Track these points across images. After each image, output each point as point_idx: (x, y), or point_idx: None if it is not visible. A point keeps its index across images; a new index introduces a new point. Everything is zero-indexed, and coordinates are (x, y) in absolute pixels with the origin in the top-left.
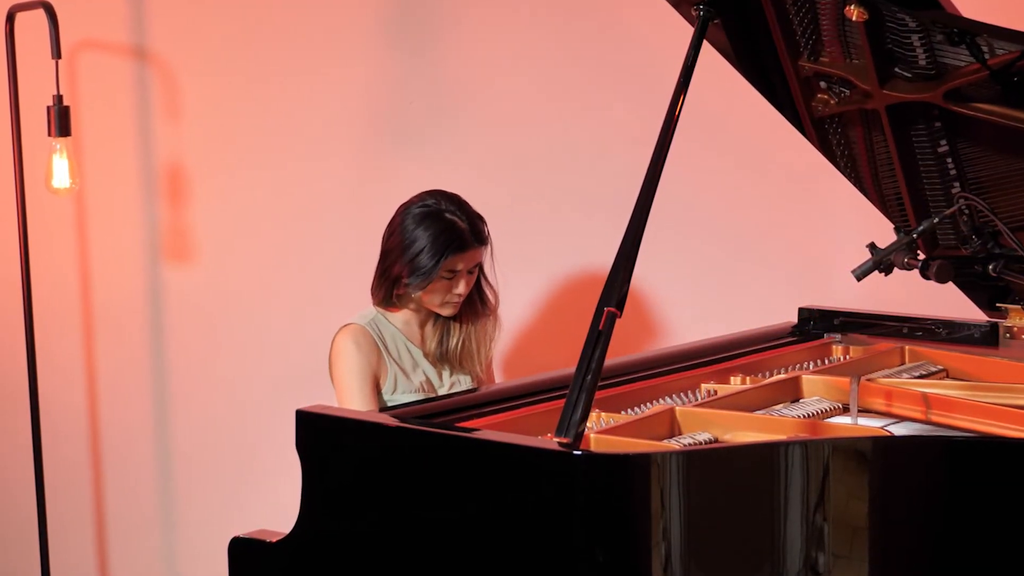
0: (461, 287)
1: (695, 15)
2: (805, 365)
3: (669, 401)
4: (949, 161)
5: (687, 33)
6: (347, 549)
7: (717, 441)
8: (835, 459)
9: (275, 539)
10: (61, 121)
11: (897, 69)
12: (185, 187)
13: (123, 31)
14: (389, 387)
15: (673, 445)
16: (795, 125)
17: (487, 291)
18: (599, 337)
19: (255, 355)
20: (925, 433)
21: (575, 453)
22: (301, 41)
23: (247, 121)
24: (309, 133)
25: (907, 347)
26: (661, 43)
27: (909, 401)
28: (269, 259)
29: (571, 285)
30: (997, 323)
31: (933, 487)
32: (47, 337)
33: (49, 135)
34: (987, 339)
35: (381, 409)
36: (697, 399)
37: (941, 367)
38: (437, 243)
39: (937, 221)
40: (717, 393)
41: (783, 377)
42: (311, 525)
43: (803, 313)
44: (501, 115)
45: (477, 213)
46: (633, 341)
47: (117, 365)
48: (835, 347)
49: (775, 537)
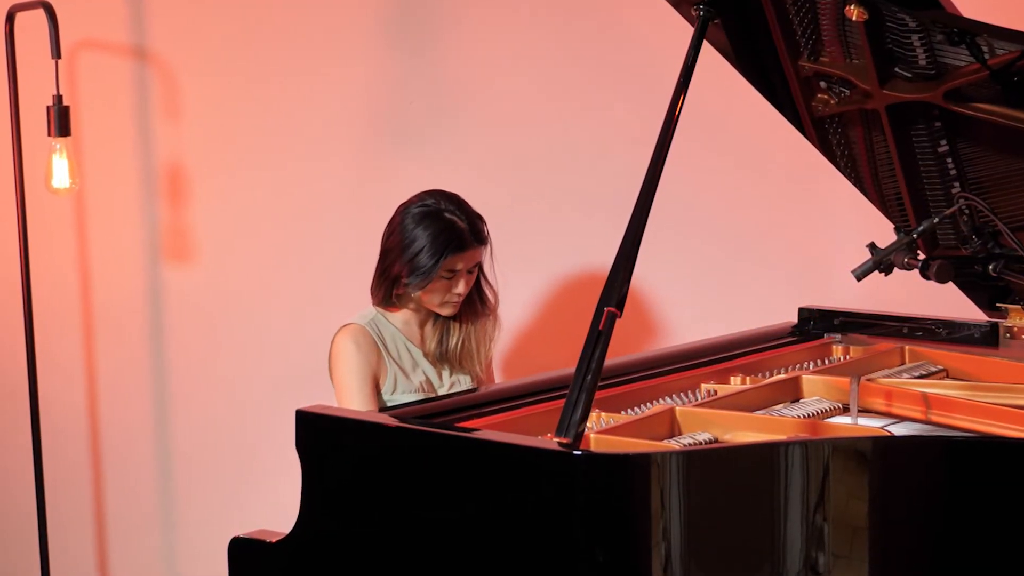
0: (461, 287)
1: (695, 15)
2: (805, 365)
3: (669, 401)
4: (949, 161)
5: (687, 33)
6: (347, 549)
7: (717, 441)
8: (835, 459)
9: (275, 539)
10: (61, 121)
11: (897, 69)
12: (185, 187)
13: (123, 31)
14: (389, 387)
15: (673, 445)
16: (795, 125)
17: (487, 291)
18: (599, 337)
19: (255, 355)
20: (925, 433)
21: (575, 453)
22: (301, 41)
23: (247, 121)
24: (309, 133)
25: (907, 347)
26: (661, 43)
27: (909, 401)
28: (269, 259)
29: (571, 285)
30: (997, 323)
31: (933, 487)
32: (47, 337)
33: (49, 135)
34: (987, 339)
35: (381, 409)
36: (697, 399)
37: (941, 367)
38: (436, 243)
39: (937, 221)
40: (717, 393)
41: (783, 377)
42: (311, 525)
43: (803, 313)
44: (501, 115)
45: (476, 213)
46: (633, 341)
47: (117, 365)
48: (835, 347)
49: (775, 537)
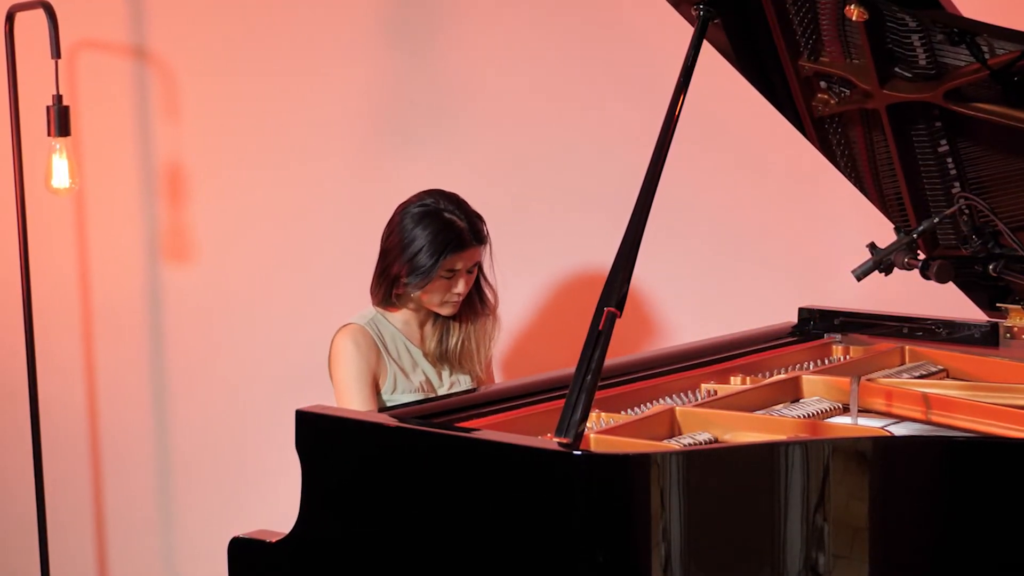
0: (460, 286)
1: (695, 15)
2: (805, 365)
3: (669, 401)
4: (949, 161)
5: (687, 33)
6: (347, 549)
7: (717, 441)
8: (835, 459)
9: (275, 539)
10: (61, 121)
11: (897, 69)
12: (184, 187)
13: (123, 31)
14: (389, 387)
15: (673, 445)
16: (795, 125)
17: (486, 290)
18: (599, 337)
19: (255, 355)
20: (925, 433)
21: (575, 453)
22: (301, 41)
23: (247, 121)
24: (309, 133)
25: (907, 347)
26: (661, 43)
27: (909, 401)
28: (269, 259)
29: (571, 285)
30: (997, 323)
31: (933, 487)
32: (47, 337)
33: (49, 135)
34: (987, 339)
35: (380, 409)
36: (697, 399)
37: (941, 367)
38: (436, 242)
39: (937, 221)
40: (717, 393)
41: (783, 377)
42: (311, 525)
43: (803, 313)
44: (501, 115)
45: (476, 212)
46: (633, 341)
47: (117, 365)
48: (835, 347)
49: (775, 537)
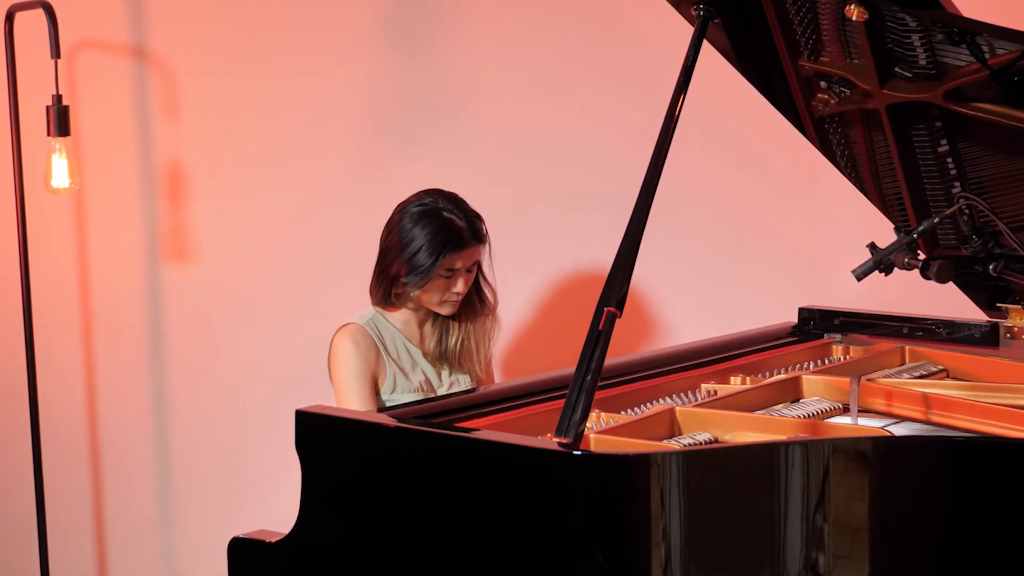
0: (459, 286)
1: (695, 15)
2: (805, 365)
3: (669, 401)
4: (949, 161)
5: (687, 33)
6: (347, 549)
7: (717, 441)
8: (835, 459)
9: (275, 539)
10: (60, 121)
11: (897, 69)
12: (184, 187)
13: (122, 31)
14: (388, 387)
15: (673, 445)
16: (795, 125)
17: (486, 290)
18: (599, 337)
19: (255, 355)
20: (925, 433)
21: (575, 453)
22: (301, 41)
23: (247, 121)
24: (309, 133)
25: (907, 347)
26: (661, 43)
27: (909, 401)
28: (268, 259)
29: (571, 285)
30: (997, 323)
31: (933, 487)
32: (47, 337)
33: (48, 135)
34: (987, 339)
35: (380, 409)
36: (697, 399)
37: (941, 367)
38: (435, 241)
39: (937, 221)
40: (717, 393)
41: (783, 377)
42: (311, 525)
43: (803, 313)
44: (501, 115)
45: (475, 211)
46: (633, 341)
47: (116, 365)
48: (835, 347)
49: (775, 537)
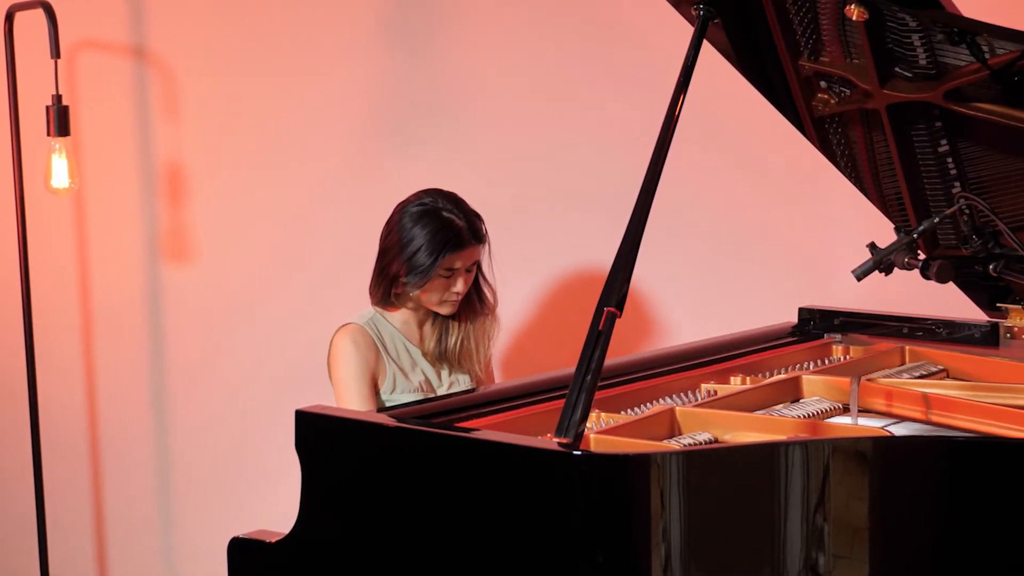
0: (459, 285)
1: (695, 15)
2: (805, 365)
3: (669, 401)
4: (949, 161)
5: (687, 33)
6: (347, 549)
7: (717, 441)
8: (835, 459)
9: (274, 539)
10: (60, 121)
11: (897, 69)
12: (184, 187)
13: (122, 31)
14: (388, 387)
15: (673, 445)
16: (795, 125)
17: (485, 290)
18: (599, 337)
19: (255, 355)
20: (925, 433)
21: (575, 453)
22: (301, 41)
23: (247, 121)
24: (309, 133)
25: (907, 347)
26: (661, 43)
27: (909, 401)
28: (268, 259)
29: (571, 285)
30: (997, 323)
31: (934, 487)
32: (47, 337)
33: (48, 135)
34: (987, 339)
35: (380, 409)
36: (697, 399)
37: (941, 367)
38: (435, 241)
39: (937, 221)
40: (717, 393)
41: (783, 377)
42: (310, 525)
43: (803, 313)
44: (501, 115)
45: (474, 211)
46: (633, 341)
47: (116, 365)
48: (835, 347)
49: (775, 537)
